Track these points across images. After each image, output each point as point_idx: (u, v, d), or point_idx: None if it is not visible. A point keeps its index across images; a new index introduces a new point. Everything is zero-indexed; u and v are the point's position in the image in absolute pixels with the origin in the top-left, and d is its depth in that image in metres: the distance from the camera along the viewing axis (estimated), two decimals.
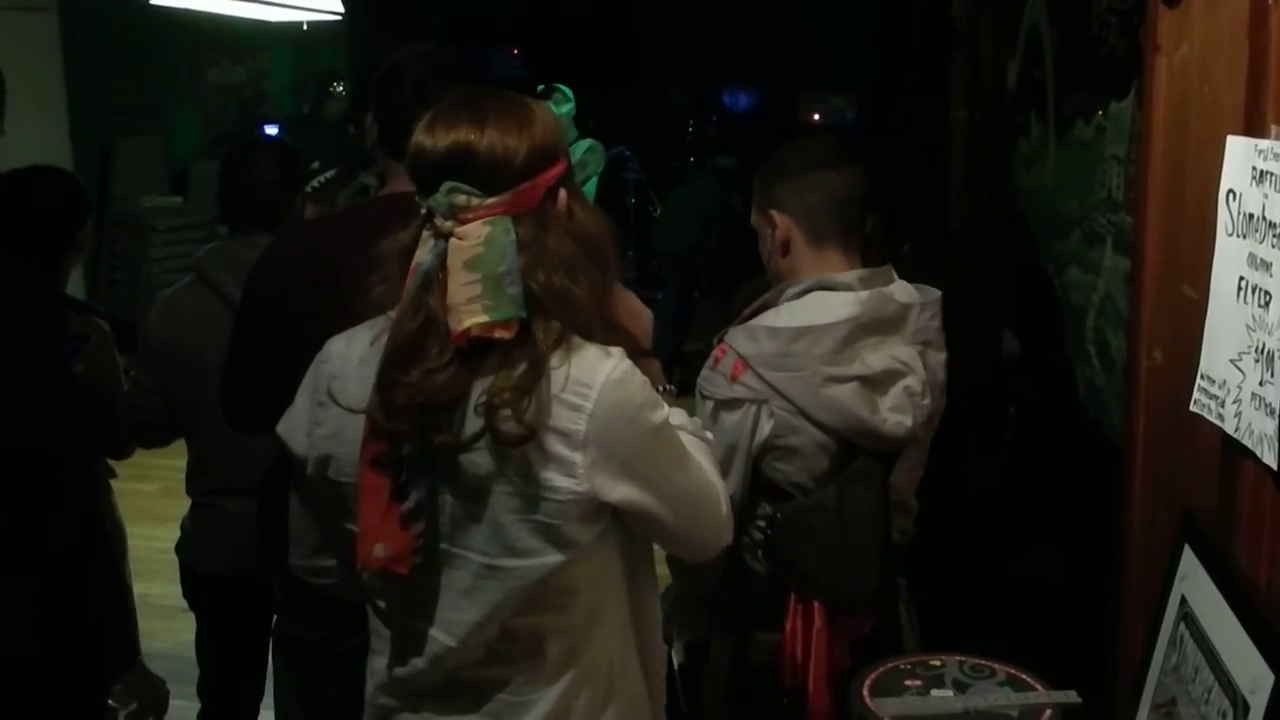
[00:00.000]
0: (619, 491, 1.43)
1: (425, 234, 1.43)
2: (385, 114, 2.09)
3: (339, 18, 4.51)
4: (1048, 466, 3.26)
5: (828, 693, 1.99)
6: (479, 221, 1.40)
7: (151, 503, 4.27)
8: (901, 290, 2.07)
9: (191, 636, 2.91)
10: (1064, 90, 3.31)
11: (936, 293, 2.11)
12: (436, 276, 1.39)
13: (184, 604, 2.89)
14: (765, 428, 1.98)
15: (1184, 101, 1.72)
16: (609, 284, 1.52)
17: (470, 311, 1.36)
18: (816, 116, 7.97)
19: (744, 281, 2.58)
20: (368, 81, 2.18)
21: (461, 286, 1.37)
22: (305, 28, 5.67)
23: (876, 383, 1.99)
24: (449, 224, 1.40)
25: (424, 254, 1.41)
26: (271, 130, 7.06)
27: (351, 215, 2.36)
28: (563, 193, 1.48)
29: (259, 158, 2.77)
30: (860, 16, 7.82)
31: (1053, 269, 3.32)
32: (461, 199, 1.40)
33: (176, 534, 2.84)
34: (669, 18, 9.11)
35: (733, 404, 1.98)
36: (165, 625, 3.68)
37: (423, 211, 1.43)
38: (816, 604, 2.02)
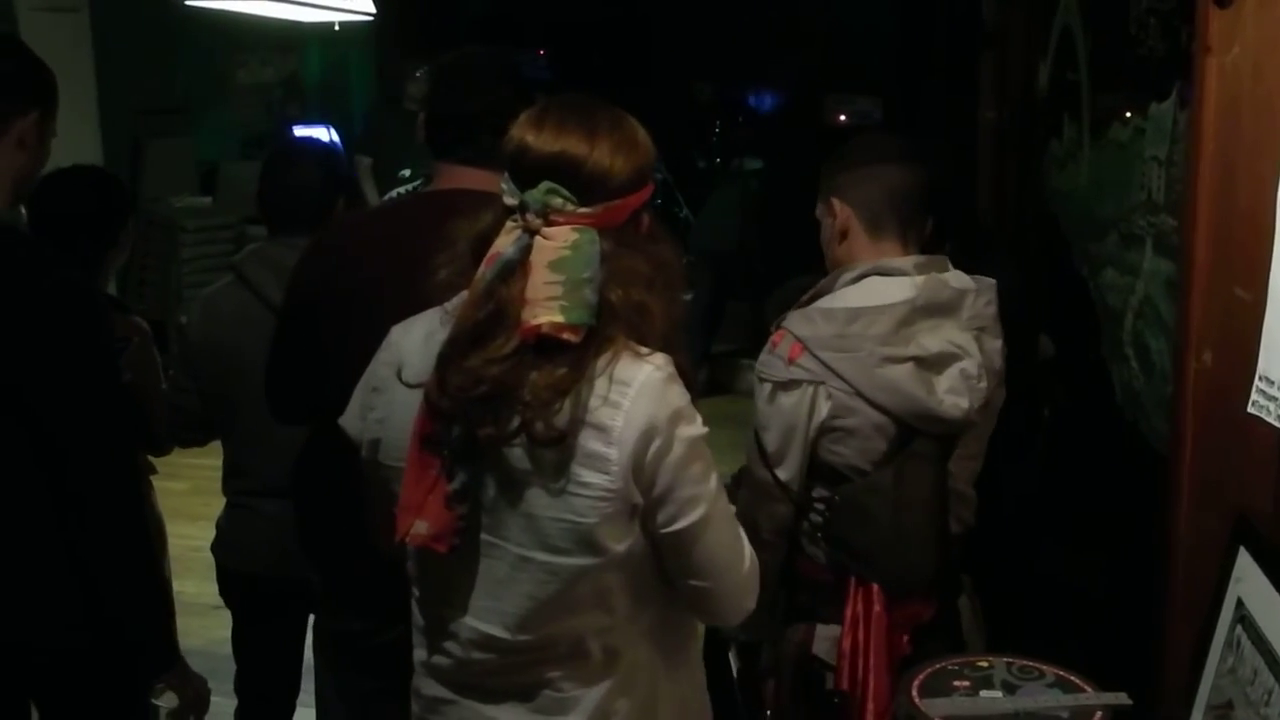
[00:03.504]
0: (647, 494, 1.45)
1: (510, 224, 1.45)
2: (430, 114, 2.11)
3: (370, 18, 4.53)
4: (1082, 469, 3.24)
5: (888, 678, 2.00)
6: (568, 227, 1.42)
7: (182, 501, 4.28)
8: (956, 277, 2.10)
9: (224, 634, 2.94)
10: (1099, 91, 3.30)
11: (992, 281, 2.13)
12: (516, 269, 1.41)
13: (217, 601, 2.91)
14: (823, 409, 2.00)
15: (1235, 102, 1.71)
16: (676, 307, 1.54)
17: (547, 308, 1.39)
18: (843, 117, 7.94)
19: (774, 288, 2.59)
20: (393, 81, 2.22)
21: (543, 284, 1.40)
22: (338, 28, 5.70)
23: (932, 364, 2.01)
24: (538, 222, 1.42)
25: (506, 245, 1.43)
26: (313, 132, 7.07)
27: (397, 212, 2.37)
28: (646, 216, 1.52)
29: (300, 161, 2.78)
30: (886, 17, 7.80)
31: (1087, 271, 3.30)
32: (557, 202, 1.43)
33: (207, 532, 2.86)
34: (693, 18, 9.10)
35: (790, 385, 2.00)
36: (198, 622, 3.69)
37: (512, 203, 1.45)
38: (876, 587, 2.03)
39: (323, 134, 7.13)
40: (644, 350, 1.46)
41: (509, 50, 2.35)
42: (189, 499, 4.27)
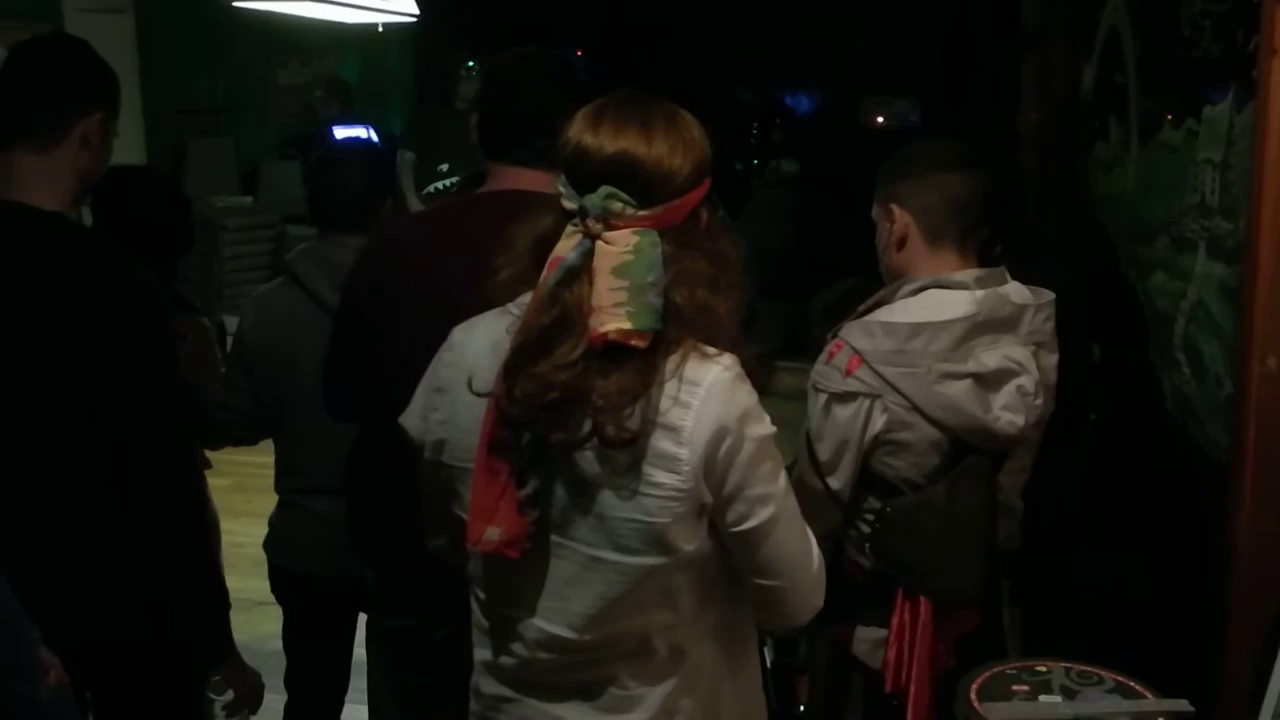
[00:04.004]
0: (717, 494, 1.45)
1: (571, 229, 1.44)
2: (483, 115, 2.11)
3: (414, 19, 4.55)
4: (1131, 474, 3.22)
5: (930, 690, 1.99)
6: (628, 230, 1.42)
7: (225, 498, 4.29)
8: (1016, 291, 2.08)
9: (269, 629, 2.98)
10: (1148, 94, 3.27)
11: (1050, 294, 2.12)
12: (579, 275, 1.41)
13: (262, 597, 2.94)
14: (878, 422, 1.99)
15: None
16: (739, 304, 1.53)
17: (614, 315, 1.39)
18: (880, 119, 7.93)
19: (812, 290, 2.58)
20: (434, 81, 2.22)
21: (608, 291, 1.40)
22: (381, 29, 5.73)
23: (990, 381, 2.00)
24: (599, 227, 1.42)
25: (568, 250, 1.43)
26: (353, 132, 7.12)
27: (453, 212, 2.38)
28: (704, 213, 1.51)
29: (348, 161, 2.79)
30: (925, 18, 7.78)
31: (1134, 275, 3.27)
32: (617, 206, 1.43)
33: (250, 528, 2.89)
34: (731, 19, 9.10)
35: (846, 398, 1.99)
36: (243, 618, 3.68)
37: (572, 207, 1.45)
38: (923, 600, 2.02)
39: (362, 134, 7.19)
40: (711, 350, 1.46)
41: (561, 50, 2.34)
42: (231, 495, 4.31)
